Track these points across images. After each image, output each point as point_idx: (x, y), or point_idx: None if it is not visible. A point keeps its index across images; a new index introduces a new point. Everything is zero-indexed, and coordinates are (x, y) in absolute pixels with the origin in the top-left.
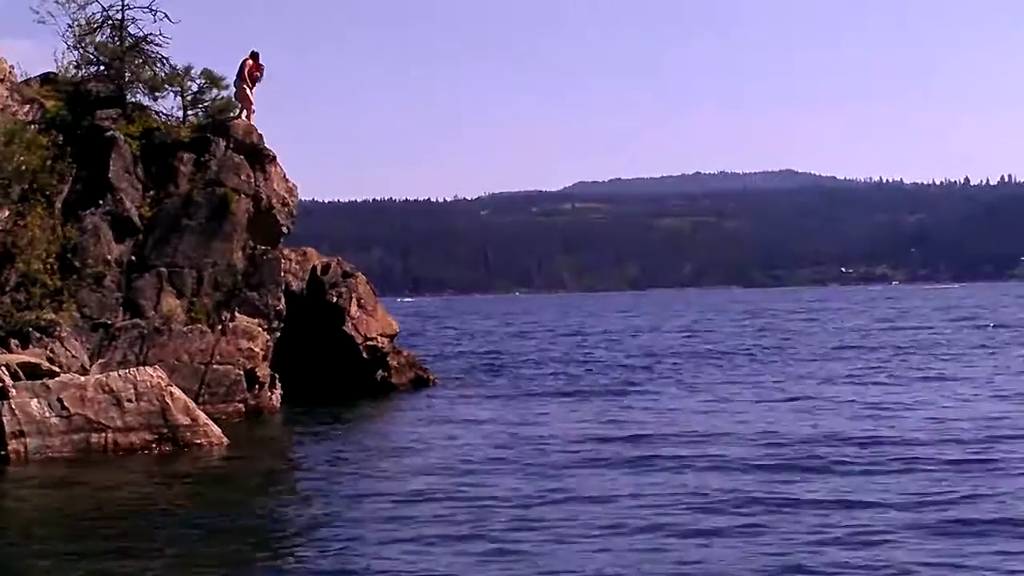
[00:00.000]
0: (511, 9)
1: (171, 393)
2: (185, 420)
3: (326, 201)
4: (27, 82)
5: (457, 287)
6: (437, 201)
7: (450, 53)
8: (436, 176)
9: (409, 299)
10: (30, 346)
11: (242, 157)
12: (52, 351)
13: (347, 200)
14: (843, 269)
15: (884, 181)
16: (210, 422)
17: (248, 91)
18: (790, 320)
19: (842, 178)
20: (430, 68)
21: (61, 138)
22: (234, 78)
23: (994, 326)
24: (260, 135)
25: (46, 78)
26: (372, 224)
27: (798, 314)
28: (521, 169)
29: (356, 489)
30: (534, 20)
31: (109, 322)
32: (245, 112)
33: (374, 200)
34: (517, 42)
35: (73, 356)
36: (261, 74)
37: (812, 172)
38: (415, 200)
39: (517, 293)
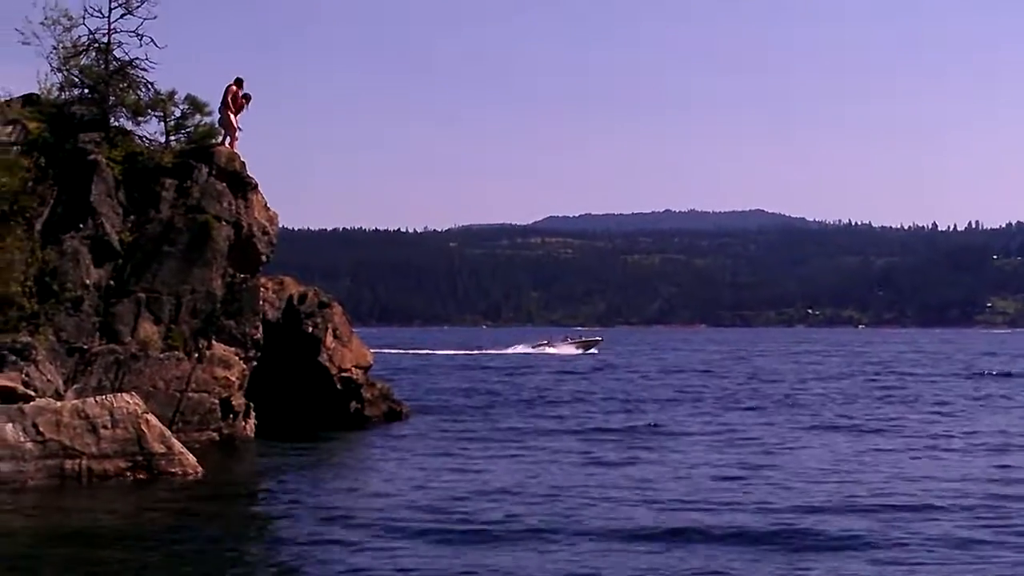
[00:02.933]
0: (484, 43)
1: (147, 420)
2: (161, 448)
3: (295, 229)
4: (9, 103)
5: (425, 318)
6: (407, 232)
7: (425, 85)
8: (407, 207)
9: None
10: (5, 369)
11: (224, 184)
12: (27, 374)
13: (317, 228)
14: (809, 310)
15: (853, 224)
16: (185, 451)
17: (232, 118)
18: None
19: (811, 219)
20: (404, 99)
21: (43, 160)
22: (218, 104)
23: None
24: (243, 163)
25: (28, 99)
26: (341, 253)
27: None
28: (492, 202)
29: (325, 524)
30: (507, 54)
31: (85, 347)
32: (229, 139)
33: (344, 229)
34: (491, 76)
35: (48, 380)
36: (248, 102)
37: (782, 213)
38: (385, 230)
39: (484, 326)
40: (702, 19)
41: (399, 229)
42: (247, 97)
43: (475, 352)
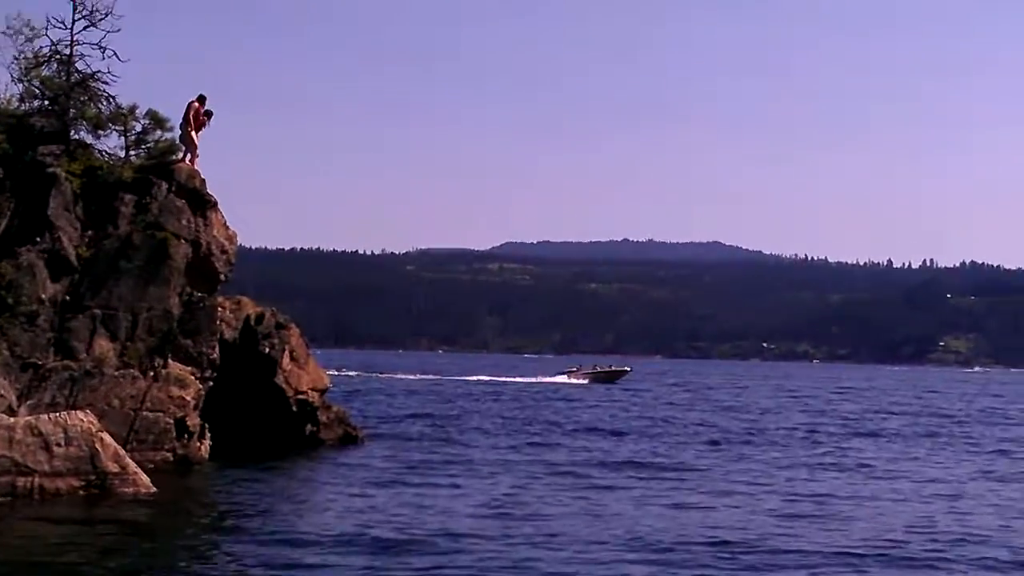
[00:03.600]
0: (446, 64)
1: (101, 439)
2: (114, 467)
3: (252, 247)
4: None
5: (380, 342)
6: (364, 253)
7: (385, 106)
8: (364, 228)
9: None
10: None
11: (184, 201)
12: None
13: (274, 248)
14: (765, 344)
15: (809, 259)
16: (139, 470)
17: (193, 135)
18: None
19: (768, 253)
20: (364, 120)
21: (1, 172)
22: (180, 120)
23: None
24: (203, 180)
25: None
26: (297, 273)
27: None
28: (450, 226)
29: (275, 546)
30: (470, 76)
31: (40, 362)
32: (189, 156)
33: (301, 249)
34: (453, 100)
35: (1, 395)
36: (209, 119)
37: (739, 246)
38: (342, 251)
39: (440, 351)
40: (665, 54)
41: (356, 251)
42: (208, 114)
43: (493, 379)
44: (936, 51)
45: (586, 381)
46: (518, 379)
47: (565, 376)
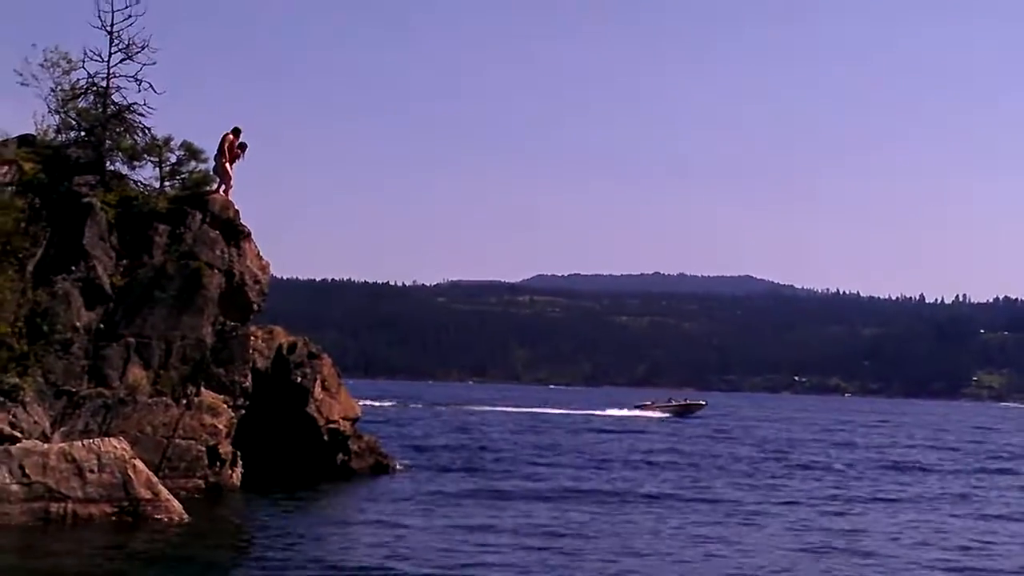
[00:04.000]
0: (477, 100)
1: (134, 466)
2: (147, 494)
3: (283, 278)
4: (5, 143)
5: (411, 372)
6: (395, 285)
7: (418, 140)
8: (395, 260)
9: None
10: None
11: (217, 232)
12: (14, 416)
13: (305, 278)
14: (796, 378)
15: (841, 293)
16: (171, 497)
17: (228, 166)
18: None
19: (800, 287)
20: (396, 154)
21: (37, 201)
22: (214, 152)
23: None
24: (237, 211)
25: (24, 140)
26: (328, 304)
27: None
28: (481, 259)
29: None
30: (500, 112)
31: (74, 390)
32: (223, 187)
33: (332, 280)
34: (485, 134)
35: (35, 422)
36: (243, 152)
37: (770, 280)
38: (373, 283)
39: (471, 382)
40: (699, 84)
41: (387, 282)
42: (243, 146)
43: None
44: (961, 78)
45: (663, 414)
46: (587, 412)
47: (639, 410)
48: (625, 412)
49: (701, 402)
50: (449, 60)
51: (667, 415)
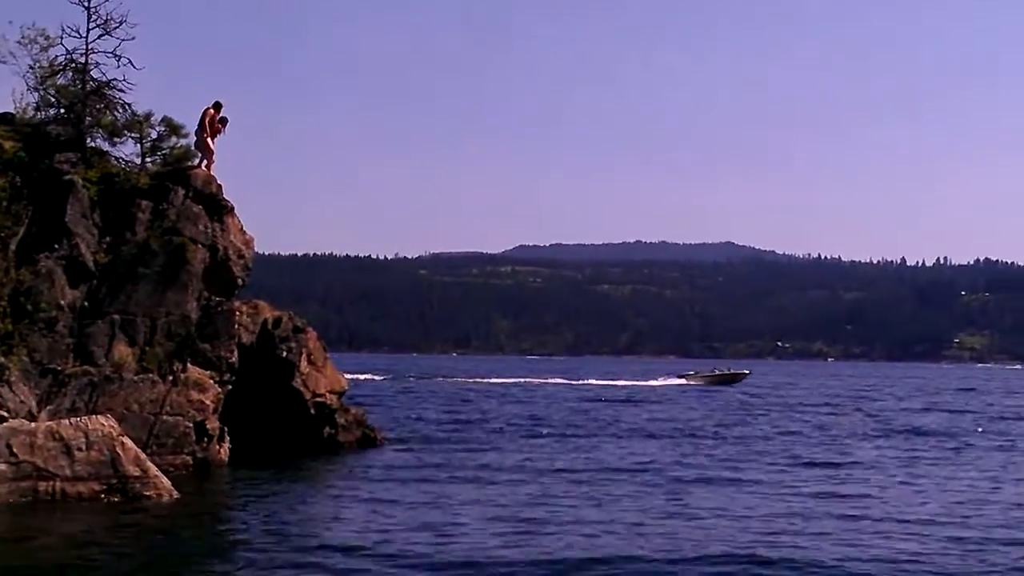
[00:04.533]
0: (459, 74)
1: (122, 443)
2: (135, 471)
3: (265, 253)
4: None
5: (394, 345)
6: (376, 258)
7: (399, 114)
8: (376, 233)
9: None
10: None
11: (200, 207)
12: (0, 395)
13: (286, 253)
14: (779, 343)
15: (822, 258)
16: (160, 474)
17: (209, 141)
18: None
19: (781, 253)
20: (378, 127)
21: (18, 180)
22: (195, 127)
23: None
24: (219, 185)
25: (3, 118)
26: (310, 278)
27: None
28: (462, 230)
29: (300, 551)
30: (481, 84)
31: (59, 368)
32: (205, 162)
33: (313, 255)
34: (465, 106)
35: (21, 401)
36: (224, 126)
37: (752, 246)
38: (355, 256)
39: (454, 354)
40: (678, 53)
41: (369, 255)
42: (224, 121)
43: (596, 383)
44: (943, 51)
45: (703, 383)
46: (631, 383)
47: (683, 379)
48: (671, 381)
49: (744, 371)
50: (428, 33)
51: (711, 385)
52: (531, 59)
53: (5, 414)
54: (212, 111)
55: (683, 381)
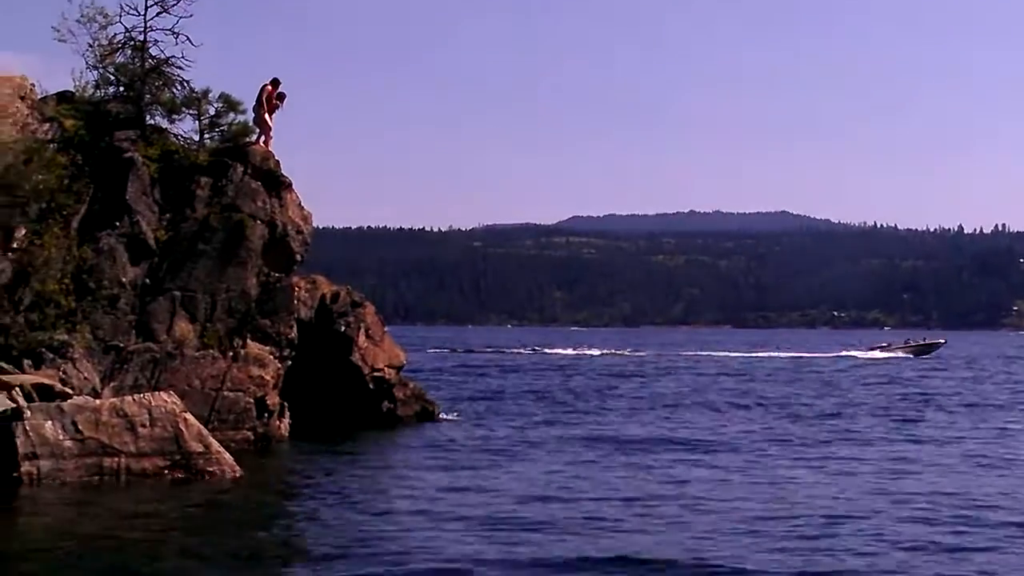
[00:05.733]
0: (509, 45)
1: (185, 419)
2: (198, 447)
3: (319, 227)
4: (44, 100)
5: (449, 317)
6: (431, 231)
7: (449, 86)
8: (430, 206)
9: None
10: (43, 367)
11: (259, 183)
12: (64, 372)
13: (341, 227)
14: (835, 313)
15: (878, 226)
16: (223, 450)
17: (267, 117)
18: None
19: (836, 222)
20: (427, 98)
21: (79, 158)
22: (253, 104)
23: None
24: (277, 161)
25: (63, 97)
26: (365, 252)
27: None
28: (516, 202)
29: (364, 527)
30: (532, 55)
31: (121, 345)
32: (263, 138)
33: (368, 228)
34: (517, 76)
35: (85, 378)
36: (282, 102)
37: (807, 215)
38: (409, 229)
39: (509, 326)
40: (724, 23)
41: (423, 228)
42: (281, 97)
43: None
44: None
45: (904, 354)
46: (828, 355)
47: (878, 351)
48: (872, 354)
49: (940, 340)
50: (478, 9)
51: (908, 355)
52: (579, 27)
53: (70, 391)
54: (270, 87)
55: (883, 353)
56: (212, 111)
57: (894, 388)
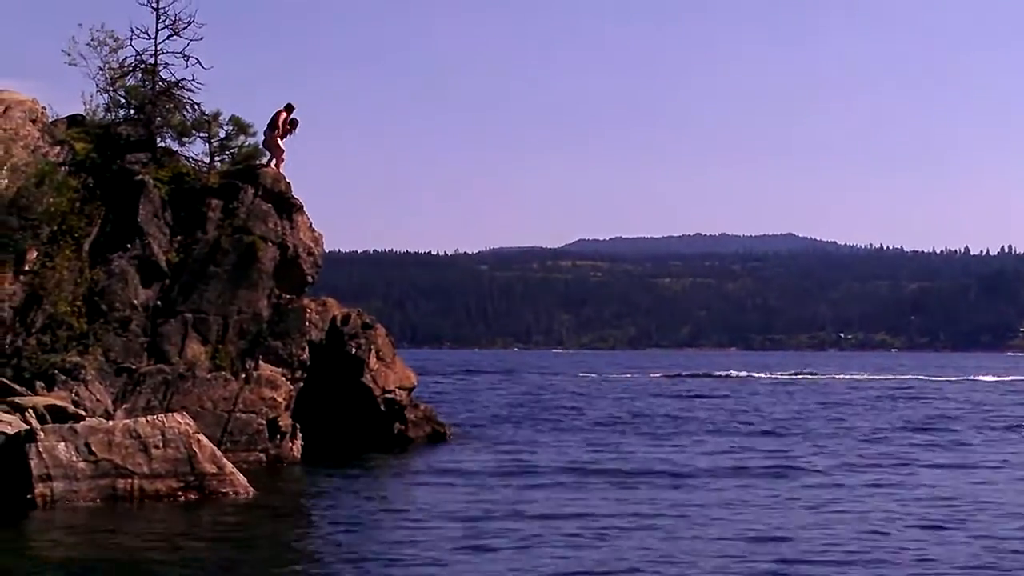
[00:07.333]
0: (514, 68)
1: (198, 440)
2: (212, 468)
3: (327, 251)
4: (55, 123)
5: (455, 341)
6: (437, 254)
7: (456, 109)
8: (437, 229)
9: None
10: (55, 388)
11: (270, 205)
12: (77, 394)
13: (347, 250)
14: (841, 335)
15: (884, 248)
16: (236, 471)
17: (279, 142)
18: None
19: (843, 243)
20: (435, 121)
21: (91, 180)
22: (264, 127)
23: None
24: (288, 183)
25: (73, 120)
26: (371, 275)
27: None
28: (522, 225)
29: (379, 550)
30: (536, 78)
31: (134, 367)
32: (275, 161)
33: (374, 251)
34: (521, 100)
35: (98, 400)
36: (295, 128)
37: (813, 237)
38: (415, 252)
39: (516, 348)
40: (731, 42)
41: (430, 251)
42: (294, 123)
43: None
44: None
45: None
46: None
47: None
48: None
49: None
50: (485, 28)
51: None
52: (582, 55)
53: (82, 412)
54: (284, 113)
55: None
56: (222, 134)
57: None
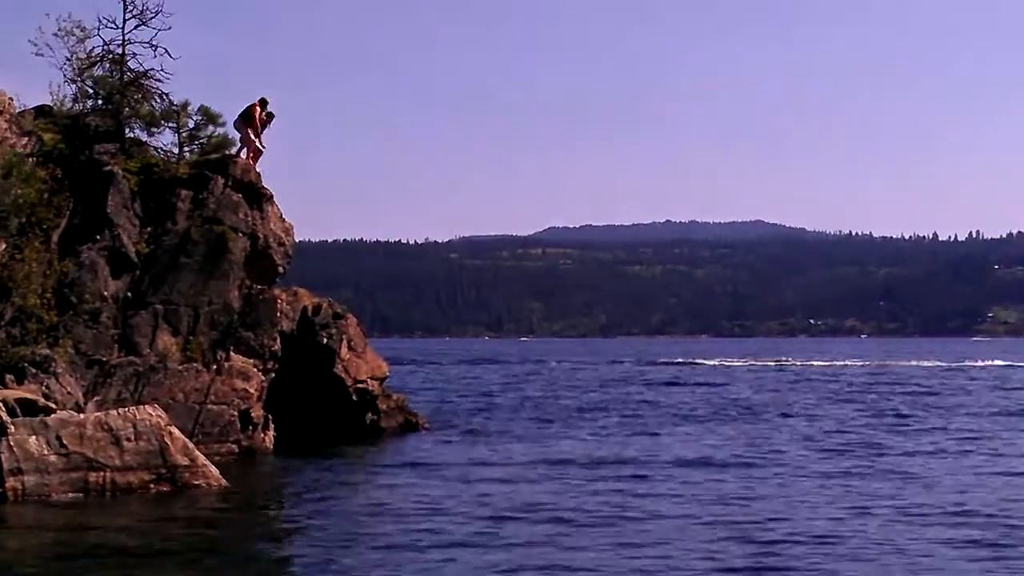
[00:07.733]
0: (483, 56)
1: (170, 433)
2: (184, 461)
3: (297, 240)
4: (22, 114)
5: (426, 329)
6: (407, 243)
7: (425, 96)
8: (406, 218)
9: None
10: (25, 381)
11: (240, 195)
12: (47, 387)
13: (317, 240)
14: (811, 321)
15: (853, 234)
16: (208, 463)
17: (253, 137)
18: None
19: (811, 230)
20: (403, 109)
21: (59, 171)
22: (234, 119)
23: None
24: (258, 174)
25: (41, 111)
26: (341, 265)
27: None
28: (492, 213)
29: (351, 538)
30: (505, 65)
31: (104, 359)
32: (248, 154)
33: (344, 241)
34: (490, 88)
35: (68, 392)
36: (270, 121)
37: (782, 223)
38: (385, 241)
39: (486, 337)
40: (699, 31)
41: (399, 240)
42: (270, 116)
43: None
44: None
45: None
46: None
47: None
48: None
49: None
50: (452, 18)
51: None
52: (551, 42)
53: (53, 405)
54: (258, 107)
55: None
56: (191, 124)
57: None
